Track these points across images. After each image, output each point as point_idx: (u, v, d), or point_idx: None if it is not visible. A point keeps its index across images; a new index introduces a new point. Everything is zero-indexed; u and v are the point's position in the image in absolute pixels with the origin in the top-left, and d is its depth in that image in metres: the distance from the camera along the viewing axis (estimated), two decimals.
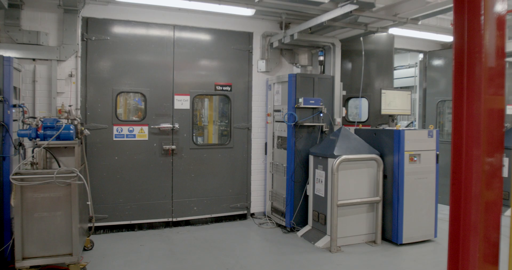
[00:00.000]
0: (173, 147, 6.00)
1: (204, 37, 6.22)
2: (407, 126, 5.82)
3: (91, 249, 4.97)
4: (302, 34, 5.70)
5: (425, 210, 5.41)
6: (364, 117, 6.85)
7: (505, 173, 7.12)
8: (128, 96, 6.06)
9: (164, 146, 5.95)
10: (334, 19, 4.95)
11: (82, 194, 4.35)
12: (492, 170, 1.64)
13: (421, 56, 8.13)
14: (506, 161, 7.11)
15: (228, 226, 6.27)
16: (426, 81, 8.03)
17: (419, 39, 7.46)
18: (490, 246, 1.72)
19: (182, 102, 6.05)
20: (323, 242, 5.25)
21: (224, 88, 6.36)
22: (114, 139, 5.70)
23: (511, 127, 7.49)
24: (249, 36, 6.49)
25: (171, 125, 5.98)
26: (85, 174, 4.55)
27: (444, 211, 6.29)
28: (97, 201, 5.52)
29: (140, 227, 5.87)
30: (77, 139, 4.32)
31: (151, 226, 5.94)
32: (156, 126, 5.90)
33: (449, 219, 1.74)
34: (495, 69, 1.64)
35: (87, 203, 4.27)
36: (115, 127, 5.70)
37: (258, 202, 6.74)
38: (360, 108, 7.38)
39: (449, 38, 7.15)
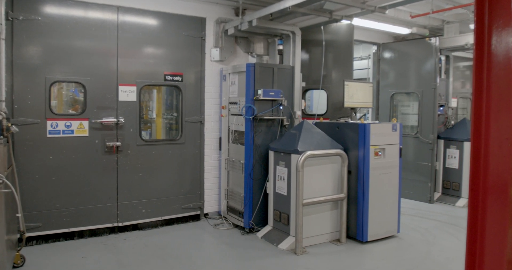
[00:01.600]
0: (118, 143, 5.35)
1: (152, 21, 5.58)
2: (359, 119, 5.68)
3: (22, 265, 4.22)
4: (261, 21, 5.28)
5: (389, 205, 5.27)
6: (316, 110, 6.60)
7: (455, 165, 7.25)
8: (65, 86, 5.29)
9: (107, 143, 5.28)
10: (299, 5, 4.58)
11: (10, 203, 3.63)
12: None
13: (374, 48, 8.04)
14: (456, 153, 7.23)
15: (181, 228, 5.75)
16: (379, 74, 7.97)
17: (373, 30, 7.35)
18: None
19: (127, 93, 5.40)
20: (287, 243, 4.92)
21: (175, 78, 5.79)
22: (48, 135, 4.93)
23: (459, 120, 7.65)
24: (201, 22, 5.95)
25: (115, 119, 5.31)
26: (13, 179, 3.83)
27: (403, 204, 6.23)
28: (28, 208, 4.75)
29: (81, 235, 5.18)
30: (2, 137, 3.59)
31: (93, 233, 5.26)
32: (98, 121, 5.21)
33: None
34: None
35: (17, 215, 3.56)
36: (49, 122, 4.93)
37: (212, 202, 6.28)
38: (312, 100, 7.14)
39: (404, 30, 7.09)
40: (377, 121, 5.53)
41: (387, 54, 7.82)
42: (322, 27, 5.90)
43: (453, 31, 7.17)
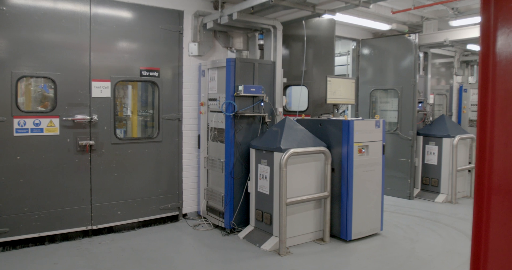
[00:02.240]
0: (91, 142, 5.07)
1: (127, 13, 5.31)
2: (340, 114, 5.64)
3: None
4: (242, 14, 5.09)
5: (373, 203, 5.21)
6: (296, 106, 6.48)
7: (434, 161, 7.29)
8: (33, 82, 4.97)
9: (80, 142, 4.99)
10: None
11: None
12: None
13: (353, 44, 7.99)
14: (435, 149, 7.27)
15: (159, 230, 5.52)
16: (358, 70, 7.93)
17: (352, 26, 7.29)
18: None
19: (101, 89, 5.12)
20: (270, 244, 4.78)
21: (151, 74, 5.54)
22: (15, 134, 4.61)
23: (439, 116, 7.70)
24: (179, 15, 5.71)
25: (88, 117, 5.03)
26: None
27: (386, 201, 6.20)
28: None
29: (52, 239, 4.88)
30: None
31: (66, 237, 4.97)
32: (70, 118, 4.91)
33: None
34: None
35: None
36: (15, 120, 4.61)
37: (191, 202, 6.07)
38: (290, 97, 7.02)
39: (384, 27, 7.05)
40: (360, 118, 5.45)
41: (366, 51, 7.77)
42: (303, 22, 5.77)
43: (432, 27, 7.20)
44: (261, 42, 5.73)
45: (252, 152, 5.21)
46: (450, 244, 5.04)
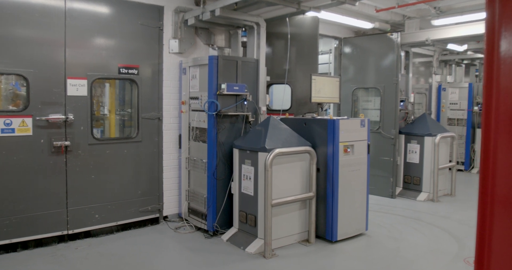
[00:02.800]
0: (67, 143, 4.83)
1: (104, 8, 5.09)
2: (324, 111, 5.59)
3: None
4: (225, 11, 4.94)
5: (358, 203, 5.15)
6: (278, 105, 6.37)
7: (416, 160, 7.31)
8: (3, 79, 4.69)
9: (54, 143, 4.74)
10: None
11: None
12: None
13: (335, 42, 7.94)
14: (417, 148, 7.29)
15: (139, 233, 5.33)
16: (340, 69, 7.88)
17: (334, 24, 7.24)
18: None
19: (77, 88, 4.88)
20: (254, 246, 4.66)
21: (130, 71, 5.33)
22: None
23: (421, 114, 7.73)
24: (159, 11, 5.51)
25: (63, 116, 4.79)
26: None
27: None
28: None
29: (25, 246, 4.62)
30: None
31: (40, 243, 4.72)
32: (44, 118, 4.66)
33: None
34: None
35: None
36: None
37: (172, 203, 5.89)
38: (272, 95, 6.92)
39: (367, 25, 7.02)
40: (345, 117, 5.39)
41: (348, 49, 7.73)
42: (287, 19, 5.66)
43: (414, 26, 7.22)
44: (244, 39, 5.59)
45: (236, 152, 5.07)
46: (434, 243, 5.03)
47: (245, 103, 5.28)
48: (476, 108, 9.82)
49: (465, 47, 9.02)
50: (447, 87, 10.26)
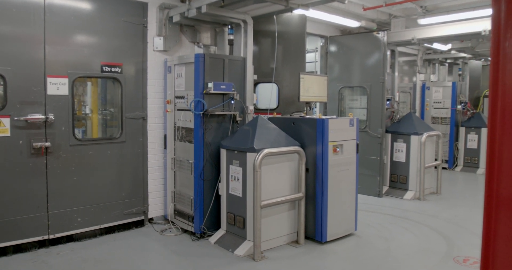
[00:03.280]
0: (47, 144, 4.64)
1: (86, 4, 4.90)
2: (311, 110, 5.54)
3: None
4: (211, 7, 4.82)
5: (347, 203, 5.10)
6: (264, 104, 6.28)
7: (403, 158, 7.33)
8: None
9: (34, 144, 4.55)
10: None
11: None
12: None
13: (322, 41, 7.89)
14: (403, 146, 7.30)
15: (123, 237, 5.17)
16: (327, 67, 7.84)
17: (320, 23, 7.19)
18: None
19: (58, 86, 4.69)
20: (243, 249, 4.56)
21: (113, 69, 5.16)
22: None
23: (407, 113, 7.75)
24: (143, 7, 5.35)
25: (43, 116, 4.60)
26: None
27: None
28: None
29: (4, 252, 4.41)
30: None
31: (19, 248, 4.52)
32: (22, 118, 4.46)
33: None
34: None
35: None
36: None
37: (157, 205, 5.74)
38: (257, 94, 6.82)
39: (354, 23, 6.99)
40: (334, 116, 5.33)
41: (334, 48, 7.69)
42: (275, 17, 5.57)
43: (400, 25, 7.22)
44: (231, 37, 5.48)
45: (223, 153, 4.96)
46: (424, 243, 5.01)
47: (232, 102, 5.17)
48: (459, 106, 9.92)
49: (449, 46, 9.09)
50: (431, 86, 10.34)
